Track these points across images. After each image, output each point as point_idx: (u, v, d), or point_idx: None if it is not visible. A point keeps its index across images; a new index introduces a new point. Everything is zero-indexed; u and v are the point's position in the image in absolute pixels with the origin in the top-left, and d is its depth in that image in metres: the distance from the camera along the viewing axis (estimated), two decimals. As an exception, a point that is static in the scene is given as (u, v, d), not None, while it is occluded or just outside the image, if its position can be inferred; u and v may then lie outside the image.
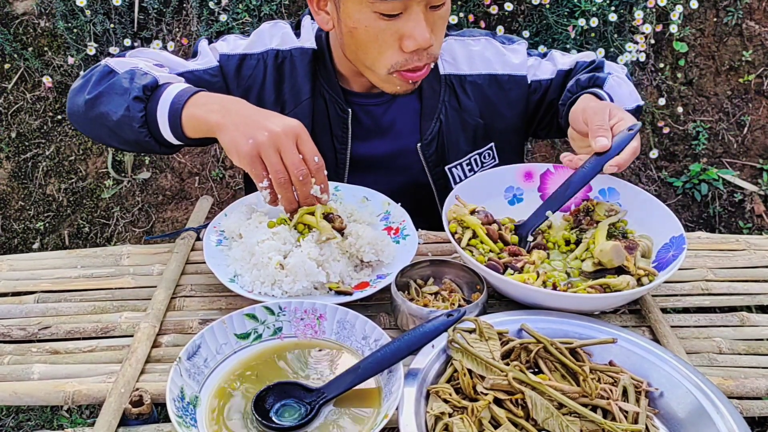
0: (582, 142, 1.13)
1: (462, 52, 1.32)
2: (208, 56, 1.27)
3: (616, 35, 2.36)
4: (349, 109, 1.28)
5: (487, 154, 1.38)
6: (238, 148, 0.99)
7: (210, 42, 1.32)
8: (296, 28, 1.31)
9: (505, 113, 1.35)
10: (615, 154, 1.03)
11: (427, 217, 1.29)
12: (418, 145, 1.30)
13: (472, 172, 1.36)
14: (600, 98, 1.18)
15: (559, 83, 1.33)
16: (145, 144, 1.12)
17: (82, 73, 1.22)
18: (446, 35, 1.32)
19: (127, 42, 2.38)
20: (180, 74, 1.23)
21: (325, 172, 1.03)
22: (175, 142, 1.11)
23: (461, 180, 1.33)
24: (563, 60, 1.35)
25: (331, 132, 1.30)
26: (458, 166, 1.35)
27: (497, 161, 1.38)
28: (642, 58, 2.41)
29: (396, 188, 1.25)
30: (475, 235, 1.04)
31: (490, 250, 1.03)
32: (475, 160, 1.36)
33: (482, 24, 2.34)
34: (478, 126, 1.34)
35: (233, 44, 1.29)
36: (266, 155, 0.98)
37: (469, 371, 0.80)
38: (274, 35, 1.29)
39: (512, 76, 1.33)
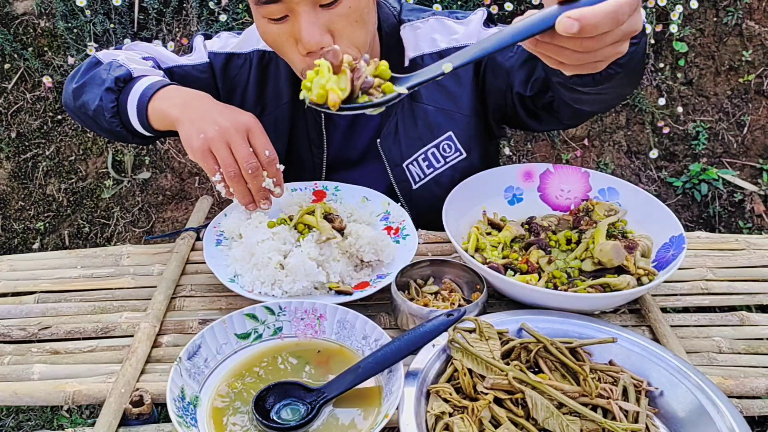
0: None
1: (408, 36, 1.23)
2: (200, 52, 1.28)
3: (615, 35, 2.35)
4: (323, 113, 1.26)
5: (446, 146, 1.26)
6: (191, 143, 1.01)
7: (208, 38, 1.32)
8: None
9: (454, 92, 1.24)
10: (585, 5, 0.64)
11: None
12: (378, 141, 1.27)
13: (432, 169, 1.27)
14: None
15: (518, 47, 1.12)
16: (119, 134, 1.14)
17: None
18: (403, 24, 1.24)
19: (127, 42, 2.38)
20: (169, 68, 1.24)
21: (279, 166, 1.04)
22: (146, 133, 1.13)
23: (420, 179, 1.27)
24: None
25: (308, 136, 1.30)
26: (414, 163, 1.27)
27: (462, 154, 1.27)
28: (642, 58, 2.41)
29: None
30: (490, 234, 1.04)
31: (502, 246, 1.04)
32: (433, 153, 1.26)
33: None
34: (429, 112, 1.25)
35: (224, 42, 1.30)
36: (216, 149, 1.00)
37: (470, 371, 0.80)
38: None
39: (456, 49, 1.19)
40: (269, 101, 1.28)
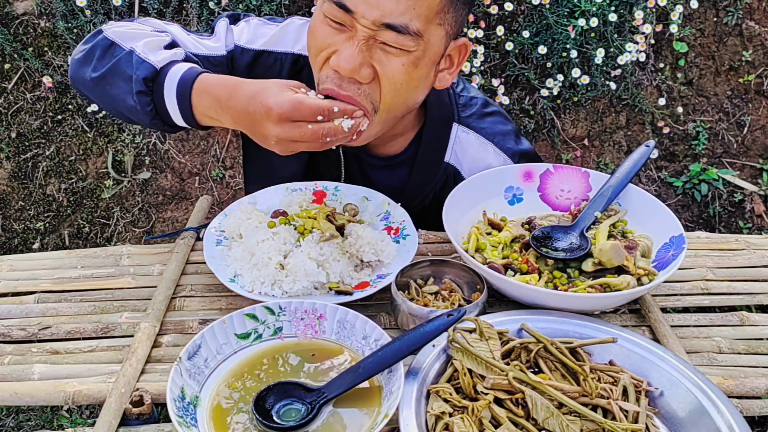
0: None
1: (476, 154, 1.24)
2: (220, 41, 1.20)
3: (616, 35, 2.36)
4: (341, 150, 1.22)
5: None
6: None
7: (235, 19, 1.23)
8: None
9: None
10: None
11: None
12: (404, 190, 1.26)
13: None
14: None
15: None
16: (163, 129, 1.08)
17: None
18: (483, 114, 1.25)
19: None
20: None
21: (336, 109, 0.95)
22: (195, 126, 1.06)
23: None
24: None
25: (328, 156, 1.24)
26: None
27: None
28: (642, 58, 2.41)
29: None
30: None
31: (502, 246, 1.05)
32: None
33: (482, 24, 2.34)
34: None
35: (254, 33, 1.21)
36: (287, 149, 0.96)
37: (470, 371, 0.80)
38: (300, 37, 1.21)
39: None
40: None
